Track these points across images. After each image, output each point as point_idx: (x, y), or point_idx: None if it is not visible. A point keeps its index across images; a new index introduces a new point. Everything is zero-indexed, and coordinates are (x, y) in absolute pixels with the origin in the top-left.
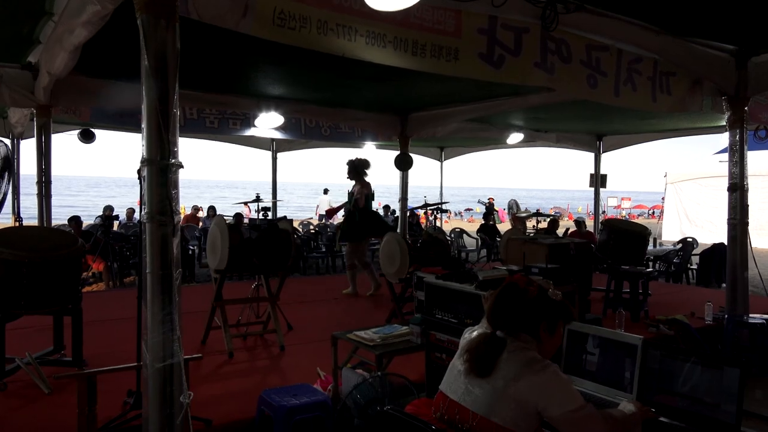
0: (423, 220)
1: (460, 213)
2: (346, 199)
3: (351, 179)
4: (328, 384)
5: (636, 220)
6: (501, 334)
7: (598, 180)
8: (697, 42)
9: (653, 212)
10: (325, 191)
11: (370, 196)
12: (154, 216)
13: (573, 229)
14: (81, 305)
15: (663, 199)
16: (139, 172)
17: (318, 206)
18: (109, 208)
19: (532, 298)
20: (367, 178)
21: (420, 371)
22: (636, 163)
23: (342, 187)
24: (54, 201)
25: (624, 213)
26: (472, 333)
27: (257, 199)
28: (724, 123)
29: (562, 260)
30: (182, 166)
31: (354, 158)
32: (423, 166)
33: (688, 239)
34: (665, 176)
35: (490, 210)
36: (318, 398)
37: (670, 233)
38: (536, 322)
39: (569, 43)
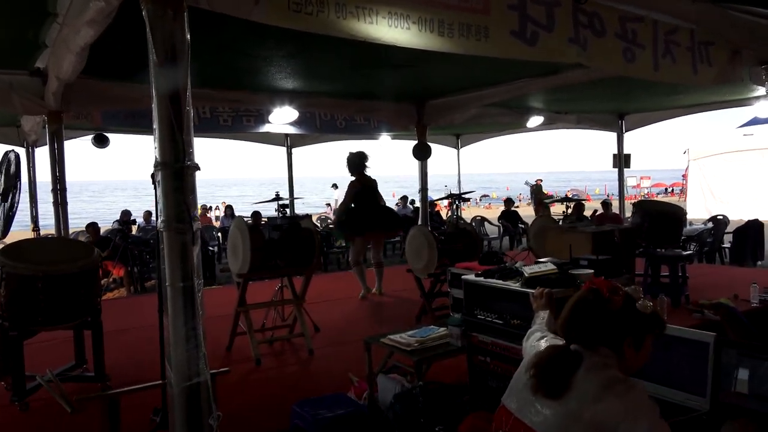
0: (439, 208)
1: (476, 200)
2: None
3: (354, 176)
4: (362, 391)
5: (656, 199)
6: (576, 348)
7: (621, 160)
8: (736, 9)
9: (672, 190)
10: (335, 186)
11: (363, 190)
12: (171, 223)
13: (600, 211)
14: (100, 318)
15: (684, 176)
16: (153, 176)
17: (336, 201)
18: (126, 213)
19: (616, 310)
20: (367, 171)
21: (460, 375)
22: (654, 141)
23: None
24: (71, 208)
25: (644, 192)
26: (539, 341)
27: (277, 197)
28: (756, 95)
29: (607, 249)
30: (199, 168)
31: (349, 153)
32: (439, 154)
33: (719, 217)
34: (686, 153)
35: (539, 191)
36: (354, 410)
37: (695, 211)
38: (620, 337)
39: (602, 16)
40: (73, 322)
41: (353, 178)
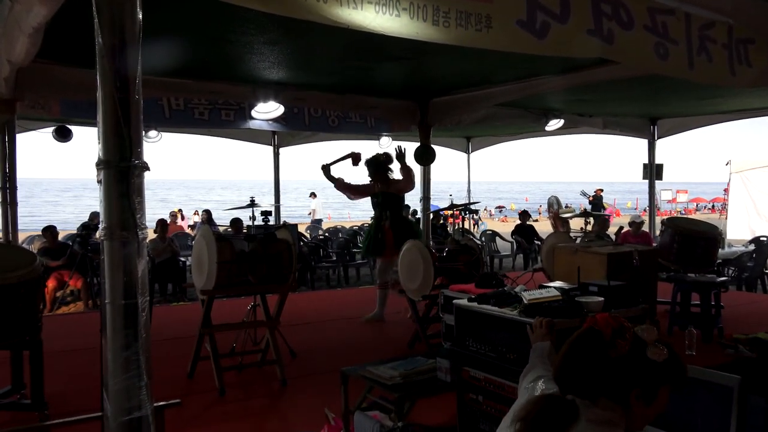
0: (454, 221)
1: (490, 212)
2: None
3: (376, 181)
4: (338, 430)
5: (694, 216)
6: (573, 398)
7: (652, 171)
8: None
9: (713, 206)
10: (313, 195)
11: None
12: (115, 231)
13: (626, 228)
14: (40, 336)
15: (726, 191)
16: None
17: (314, 211)
18: (97, 215)
19: (621, 357)
20: (393, 175)
21: (450, 414)
22: (692, 150)
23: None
24: (30, 209)
25: (680, 208)
26: (534, 382)
27: (252, 204)
28: None
29: (623, 273)
30: (148, 169)
31: (373, 155)
32: (447, 158)
33: (762, 238)
34: (728, 164)
35: (597, 204)
36: None
37: (736, 230)
38: (626, 388)
39: (628, 6)
40: (9, 341)
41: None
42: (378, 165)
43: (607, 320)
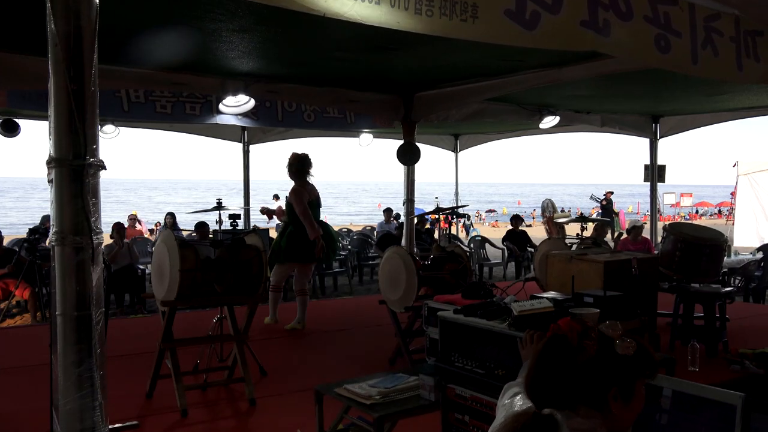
0: (444, 225)
1: (481, 216)
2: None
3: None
4: None
5: (698, 221)
6: (550, 412)
7: (654, 172)
8: None
9: (719, 211)
10: (275, 197)
11: (314, 202)
12: (67, 236)
13: (625, 235)
14: None
15: (733, 194)
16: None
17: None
18: (48, 219)
19: (590, 359)
20: (311, 179)
21: None
22: (697, 150)
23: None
24: None
25: (684, 213)
26: (513, 398)
27: (219, 206)
28: None
29: (622, 283)
30: (104, 167)
31: (292, 154)
32: (433, 158)
33: None
34: (735, 166)
35: (608, 209)
36: None
37: (743, 237)
38: (602, 390)
39: None
40: None
41: (298, 186)
42: (299, 168)
43: (570, 324)
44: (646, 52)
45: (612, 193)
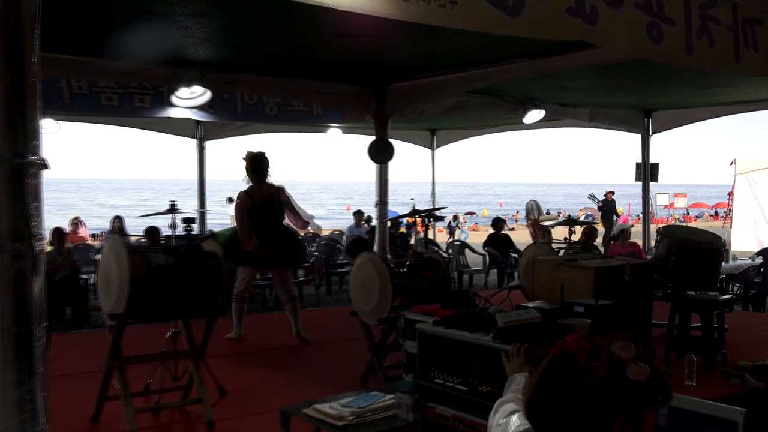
0: (421, 229)
1: (460, 219)
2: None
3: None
4: None
5: (694, 224)
6: None
7: (646, 171)
8: None
9: (716, 212)
10: (229, 200)
11: (266, 204)
12: (5, 243)
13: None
14: None
15: (730, 194)
16: None
17: (232, 218)
18: None
19: (598, 382)
20: (270, 180)
21: None
22: (692, 147)
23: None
24: None
25: (678, 214)
26: (508, 417)
27: (172, 209)
28: None
29: (614, 291)
30: (46, 166)
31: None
32: (408, 155)
33: None
34: (733, 164)
35: (610, 209)
36: None
37: (742, 241)
38: (609, 417)
39: None
40: None
41: (244, 192)
42: (253, 168)
43: (579, 341)
44: (637, 41)
45: (613, 193)
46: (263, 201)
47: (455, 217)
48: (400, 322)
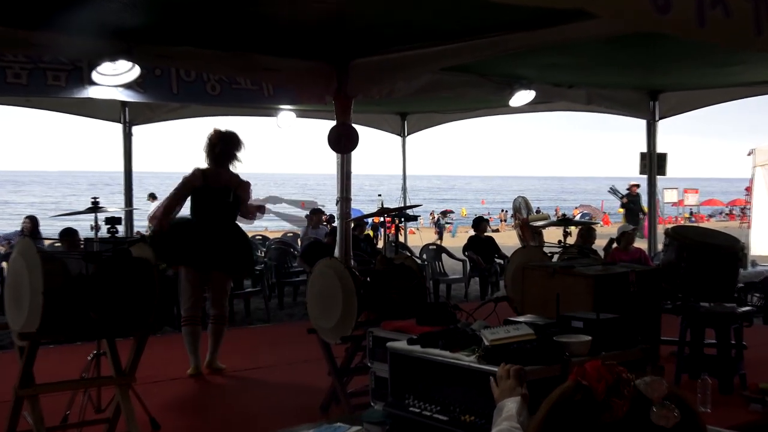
0: (392, 231)
1: (435, 218)
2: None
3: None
4: None
5: (708, 224)
6: None
7: (652, 163)
8: None
9: (731, 210)
10: (152, 196)
11: (206, 192)
12: None
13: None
14: None
15: (748, 190)
16: None
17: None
18: None
19: (617, 422)
20: (234, 167)
21: None
22: (704, 135)
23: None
24: None
25: (688, 213)
26: None
27: (95, 207)
28: None
29: (617, 303)
30: None
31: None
32: (375, 143)
33: None
34: (751, 155)
35: (637, 206)
36: None
37: (762, 244)
38: None
39: None
40: None
41: (199, 168)
42: (213, 144)
43: (600, 371)
44: (640, 11)
45: (638, 186)
46: (217, 187)
47: (444, 213)
48: (367, 341)
